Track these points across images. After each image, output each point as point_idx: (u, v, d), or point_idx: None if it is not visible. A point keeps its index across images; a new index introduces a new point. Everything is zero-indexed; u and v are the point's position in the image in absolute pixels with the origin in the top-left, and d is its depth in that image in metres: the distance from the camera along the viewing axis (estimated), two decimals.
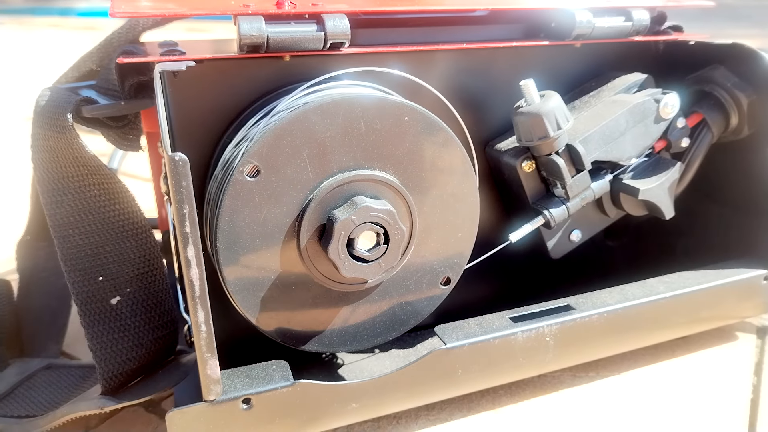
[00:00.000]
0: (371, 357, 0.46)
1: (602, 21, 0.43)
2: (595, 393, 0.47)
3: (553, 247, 0.48)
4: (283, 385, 0.36)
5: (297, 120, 0.34)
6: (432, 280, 0.41)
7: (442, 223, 0.39)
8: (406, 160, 0.37)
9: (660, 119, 0.45)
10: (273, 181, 0.34)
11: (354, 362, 0.45)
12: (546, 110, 0.41)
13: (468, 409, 0.46)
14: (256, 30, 0.35)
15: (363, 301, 0.39)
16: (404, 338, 0.46)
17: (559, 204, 0.44)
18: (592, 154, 0.43)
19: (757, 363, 0.51)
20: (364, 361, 0.45)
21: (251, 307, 0.37)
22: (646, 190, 0.45)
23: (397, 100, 0.36)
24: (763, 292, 0.49)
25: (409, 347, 0.44)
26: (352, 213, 0.35)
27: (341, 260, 0.35)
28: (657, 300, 0.45)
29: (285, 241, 0.36)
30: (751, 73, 0.45)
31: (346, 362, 0.45)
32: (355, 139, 0.35)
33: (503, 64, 0.46)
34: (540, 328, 0.42)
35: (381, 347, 0.47)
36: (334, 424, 0.39)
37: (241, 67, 0.39)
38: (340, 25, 0.36)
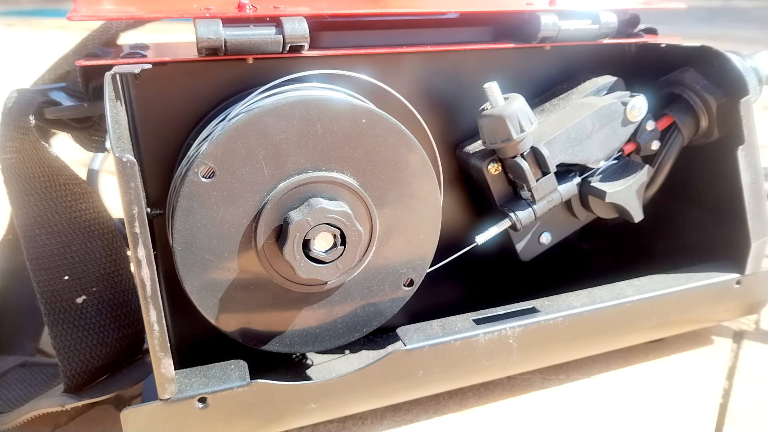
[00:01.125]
0: (341, 358, 0.46)
1: (568, 24, 0.43)
2: (564, 396, 0.47)
3: (523, 249, 0.48)
4: (239, 384, 0.36)
5: (251, 122, 0.34)
6: (395, 281, 0.41)
7: (404, 224, 0.40)
8: (364, 162, 0.37)
9: (627, 122, 0.44)
10: (229, 183, 0.35)
11: (323, 363, 0.45)
12: (509, 113, 0.41)
13: (435, 411, 0.46)
14: (213, 33, 0.35)
15: (324, 302, 0.40)
16: (376, 339, 0.47)
17: (525, 206, 0.44)
18: (557, 157, 0.43)
19: (730, 367, 0.50)
20: (333, 361, 0.45)
21: (210, 308, 0.37)
22: (613, 193, 0.45)
23: (354, 102, 0.36)
24: (736, 296, 0.49)
25: (380, 348, 0.45)
26: (308, 214, 0.35)
27: (297, 261, 0.36)
28: (624, 303, 0.45)
29: (242, 242, 0.36)
30: (720, 75, 0.45)
31: (316, 362, 0.46)
32: (311, 141, 0.36)
33: (472, 66, 0.46)
34: (503, 330, 0.42)
35: (352, 348, 0.47)
36: (294, 424, 0.39)
37: (204, 70, 0.39)
38: (299, 28, 0.37)
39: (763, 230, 0.48)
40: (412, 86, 0.45)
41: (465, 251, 0.45)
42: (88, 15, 0.35)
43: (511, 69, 0.47)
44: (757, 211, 0.47)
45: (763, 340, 0.54)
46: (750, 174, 0.45)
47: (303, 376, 0.39)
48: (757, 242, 0.48)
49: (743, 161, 0.45)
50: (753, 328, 0.56)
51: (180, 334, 0.44)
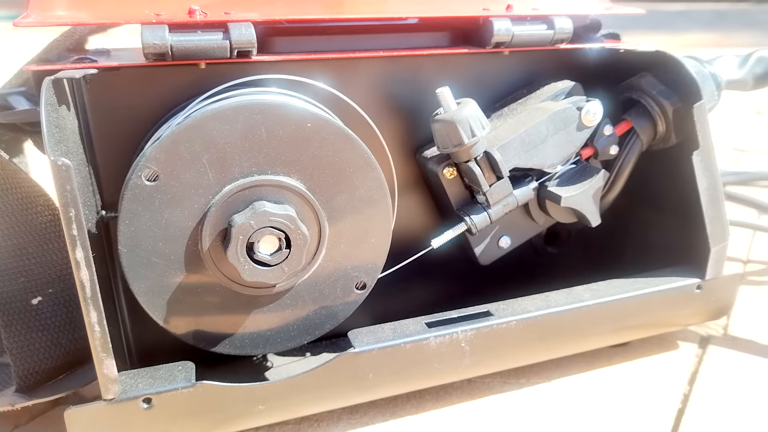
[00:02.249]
0: (301, 360, 0.46)
1: (522, 29, 0.44)
2: (522, 400, 0.47)
3: (482, 253, 0.48)
4: (184, 385, 0.36)
5: (194, 126, 0.35)
6: (347, 284, 0.41)
7: (354, 228, 0.40)
8: (311, 166, 0.38)
9: (583, 127, 0.45)
10: (173, 186, 0.35)
11: (282, 365, 0.46)
12: (460, 118, 0.41)
13: (391, 414, 0.46)
14: (158, 39, 0.36)
15: (274, 305, 0.40)
16: (337, 342, 0.47)
17: (481, 211, 0.45)
18: (511, 161, 0.44)
19: (693, 372, 0.50)
20: (293, 363, 0.45)
21: (157, 309, 0.37)
22: (568, 197, 0.45)
23: (299, 106, 0.37)
24: (697, 301, 0.49)
25: (341, 350, 0.45)
26: (251, 217, 0.35)
27: (241, 264, 0.36)
28: (579, 307, 0.45)
29: (189, 245, 0.37)
30: (675, 81, 0.45)
31: (276, 364, 0.46)
32: (256, 145, 0.36)
33: (431, 71, 0.46)
34: (454, 333, 0.42)
35: (313, 350, 0.48)
36: (243, 425, 0.40)
37: (157, 74, 0.40)
38: (246, 34, 0.37)
39: (722, 235, 0.48)
40: (370, 91, 0.45)
41: (420, 255, 0.45)
42: (36, 22, 0.35)
43: (470, 74, 0.48)
44: (716, 216, 0.47)
45: (729, 345, 0.54)
46: (706, 179, 0.45)
47: (251, 377, 0.40)
48: (717, 247, 0.48)
49: (699, 166, 0.45)
50: (721, 333, 0.56)
51: (139, 337, 0.44)
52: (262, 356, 0.47)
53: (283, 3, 0.42)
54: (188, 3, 0.38)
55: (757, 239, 0.74)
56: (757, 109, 1.45)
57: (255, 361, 0.47)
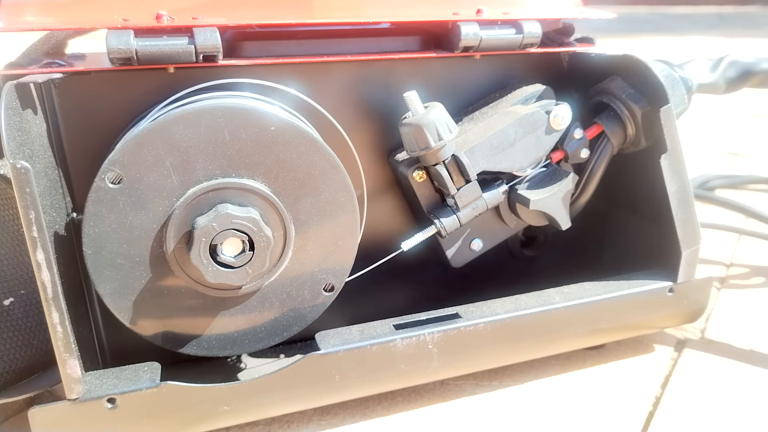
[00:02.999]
0: (275, 361, 0.47)
1: (490, 33, 0.44)
2: (494, 402, 0.47)
3: (453, 256, 0.48)
4: (148, 386, 0.37)
5: (156, 130, 0.35)
6: (314, 286, 0.42)
7: (321, 230, 0.40)
8: (276, 169, 0.38)
9: (552, 130, 0.45)
10: (137, 189, 0.36)
11: (256, 366, 0.46)
12: (426, 121, 0.41)
13: (362, 415, 0.46)
14: (123, 44, 0.36)
15: (241, 306, 0.40)
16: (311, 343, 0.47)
17: (450, 213, 0.45)
18: (479, 165, 0.44)
19: (666, 376, 0.50)
20: (265, 365, 0.46)
21: (124, 311, 0.38)
22: (537, 201, 0.45)
23: (262, 110, 0.37)
24: (670, 305, 0.49)
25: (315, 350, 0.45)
26: (213, 220, 0.36)
27: (204, 266, 0.36)
28: (549, 310, 0.45)
29: (154, 247, 0.37)
30: (643, 84, 0.45)
31: (249, 366, 0.47)
32: (220, 148, 0.37)
33: (403, 75, 0.47)
34: (421, 335, 0.42)
35: (287, 351, 0.48)
36: (209, 426, 0.40)
37: (127, 79, 0.40)
38: (210, 39, 0.38)
39: (694, 238, 0.48)
40: (342, 95, 0.46)
41: (390, 258, 0.45)
42: (5, 27, 0.36)
43: (442, 78, 0.48)
44: (686, 219, 0.47)
45: (705, 349, 0.54)
46: (675, 182, 0.45)
47: (221, 378, 0.40)
48: (689, 250, 0.48)
49: (667, 169, 0.45)
50: (698, 336, 0.56)
51: (112, 338, 0.45)
52: (236, 358, 0.48)
53: (254, 8, 0.42)
54: (157, 8, 0.39)
55: (742, 243, 0.74)
56: (754, 113, 1.44)
57: (229, 363, 0.47)
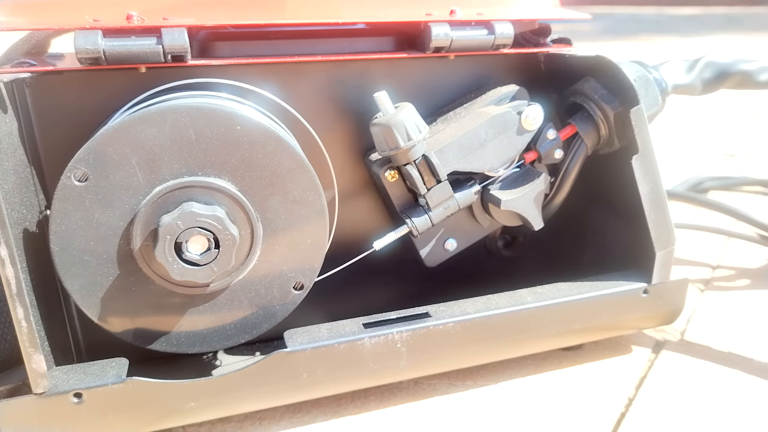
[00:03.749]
0: (249, 358, 0.47)
1: (461, 34, 0.44)
2: (466, 402, 0.47)
3: (427, 255, 0.48)
4: (114, 381, 0.37)
5: (121, 129, 0.36)
6: (283, 285, 0.42)
7: (289, 229, 0.41)
8: (243, 168, 0.38)
9: (523, 131, 0.45)
10: (103, 186, 0.36)
11: (230, 363, 0.47)
12: (395, 121, 0.42)
13: (334, 413, 0.46)
14: (91, 44, 0.37)
15: (210, 304, 0.41)
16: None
17: (422, 213, 0.45)
18: (450, 165, 0.44)
19: (642, 377, 0.50)
20: (241, 362, 0.46)
21: (92, 307, 0.38)
22: (508, 201, 0.45)
23: (227, 109, 0.37)
24: (644, 306, 0.49)
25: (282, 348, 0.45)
26: (178, 217, 0.36)
27: (169, 263, 0.37)
28: (520, 310, 0.45)
29: (121, 244, 0.38)
30: (615, 85, 0.45)
31: (224, 363, 0.47)
32: (185, 147, 0.37)
33: (377, 76, 0.47)
34: (390, 334, 0.42)
35: (262, 349, 0.49)
36: (177, 422, 0.41)
37: (99, 78, 0.41)
38: (178, 39, 0.38)
39: (668, 240, 0.48)
40: (316, 96, 0.46)
41: (362, 257, 0.46)
42: None
43: (417, 78, 0.48)
44: (660, 220, 0.47)
45: (683, 350, 0.54)
46: (648, 183, 0.45)
47: (188, 374, 0.41)
48: (663, 252, 0.48)
49: (639, 171, 0.45)
50: (678, 338, 0.56)
51: (88, 333, 0.45)
52: (213, 354, 0.48)
53: (227, 8, 0.43)
54: (127, 9, 0.39)
55: (731, 245, 0.74)
56: (755, 114, 1.43)
57: (204, 359, 0.48)
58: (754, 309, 0.60)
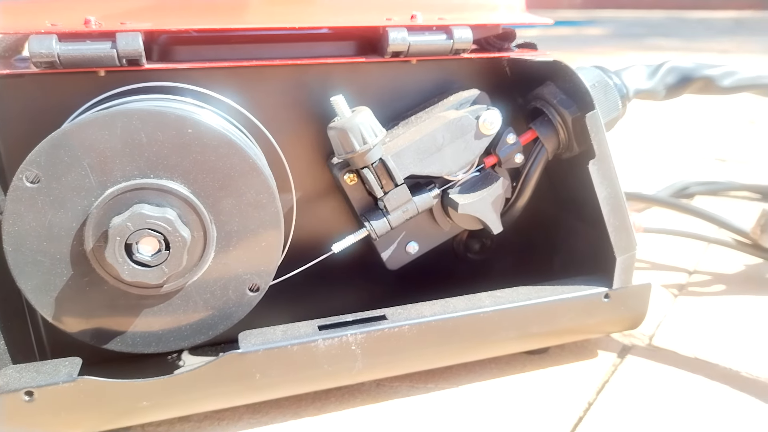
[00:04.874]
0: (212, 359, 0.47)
1: (418, 38, 0.44)
2: (426, 405, 0.48)
3: (389, 258, 0.49)
4: (65, 380, 0.38)
5: (72, 132, 0.36)
6: (239, 286, 0.42)
7: (244, 231, 0.41)
8: (195, 170, 0.39)
9: (481, 135, 0.45)
10: (55, 188, 0.37)
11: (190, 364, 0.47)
12: (350, 125, 0.42)
13: (293, 414, 0.47)
14: (45, 48, 0.38)
15: (165, 305, 0.41)
16: None
17: (381, 216, 0.45)
18: (408, 169, 0.44)
19: (604, 381, 0.50)
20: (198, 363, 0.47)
21: (46, 307, 0.39)
22: (466, 204, 0.46)
23: (178, 113, 0.38)
24: (606, 310, 0.49)
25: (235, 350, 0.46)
26: (128, 219, 0.37)
27: (120, 264, 0.37)
28: (477, 313, 0.45)
29: (74, 245, 0.38)
30: (572, 90, 0.45)
31: (186, 363, 0.48)
32: (137, 150, 0.38)
33: (340, 80, 0.47)
34: (343, 336, 0.43)
35: (226, 349, 0.49)
36: (131, 421, 0.41)
37: (59, 82, 0.42)
38: (132, 43, 0.39)
39: (628, 245, 0.48)
40: (278, 100, 0.47)
41: (321, 260, 0.46)
42: None
43: (380, 83, 0.49)
44: (619, 225, 0.47)
45: (649, 355, 0.54)
46: (605, 188, 0.45)
47: (143, 374, 0.41)
48: (623, 256, 0.48)
49: (596, 175, 0.45)
50: (646, 343, 0.56)
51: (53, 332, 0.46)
52: (176, 355, 0.49)
53: (188, 13, 0.44)
54: (85, 14, 0.40)
55: (710, 251, 0.73)
56: (751, 119, 1.43)
57: (169, 360, 0.48)
58: (725, 315, 0.59)
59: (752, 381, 0.50)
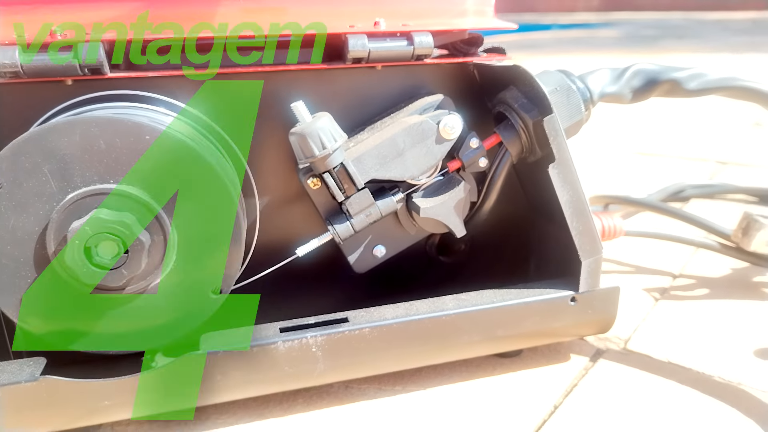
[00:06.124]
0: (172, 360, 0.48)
1: (378, 45, 0.45)
2: (392, 407, 0.48)
3: (356, 261, 0.49)
4: (27, 379, 0.39)
5: (32, 139, 0.38)
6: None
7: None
8: (154, 176, 0.40)
9: (442, 140, 0.46)
10: (17, 194, 0.38)
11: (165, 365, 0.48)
12: (310, 131, 0.43)
13: (259, 415, 0.48)
14: (8, 59, 0.39)
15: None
16: None
17: (344, 220, 0.46)
18: (369, 173, 0.45)
19: (573, 385, 0.50)
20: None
21: (11, 308, 0.40)
22: (427, 208, 0.46)
23: (135, 120, 0.39)
24: (573, 314, 0.49)
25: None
26: (87, 223, 0.38)
27: (79, 267, 0.38)
28: (440, 316, 0.46)
29: (37, 248, 0.39)
30: (532, 95, 0.45)
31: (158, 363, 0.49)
32: (96, 156, 0.39)
33: (307, 86, 0.48)
34: (304, 338, 0.43)
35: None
36: (93, 420, 0.42)
37: (28, 90, 0.43)
38: (92, 53, 0.40)
39: (593, 248, 0.48)
40: (246, 106, 0.48)
41: (285, 263, 0.47)
42: None
43: (347, 89, 0.49)
44: (583, 229, 0.47)
45: (621, 360, 0.53)
46: (567, 192, 0.45)
47: (104, 375, 0.42)
48: (589, 260, 0.48)
49: (557, 179, 0.45)
50: (621, 347, 0.55)
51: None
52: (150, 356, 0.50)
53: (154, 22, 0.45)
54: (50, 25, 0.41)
55: (698, 256, 0.73)
56: (757, 121, 1.41)
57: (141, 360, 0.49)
58: (704, 319, 0.59)
59: (723, 386, 0.49)
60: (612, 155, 1.20)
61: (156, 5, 0.43)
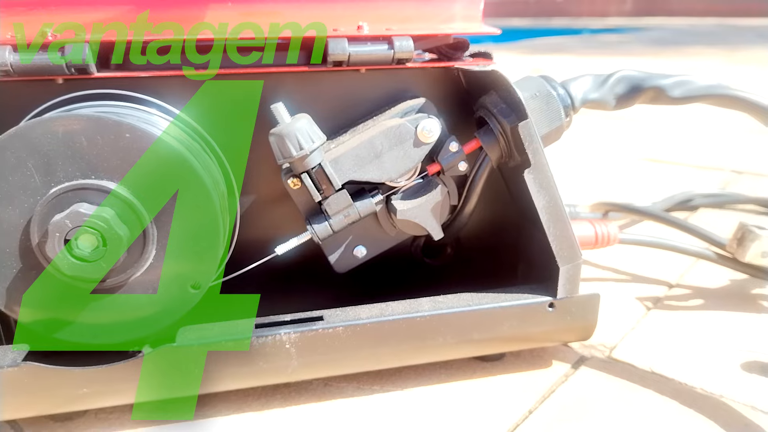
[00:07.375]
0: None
1: (358, 49, 0.46)
2: (369, 406, 0.49)
3: (336, 261, 0.50)
4: (9, 364, 0.41)
5: (17, 134, 0.39)
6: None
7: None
8: (135, 173, 0.41)
9: (420, 143, 0.46)
10: (2, 187, 0.40)
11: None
12: (287, 131, 0.44)
13: (237, 408, 0.49)
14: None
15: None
16: None
17: (323, 220, 0.47)
18: (347, 174, 0.46)
19: (551, 391, 0.50)
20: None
21: None
22: (404, 210, 0.46)
23: (116, 118, 0.40)
24: (551, 320, 0.49)
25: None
26: (66, 216, 0.39)
27: (59, 258, 0.40)
28: (414, 317, 0.46)
29: (22, 240, 0.41)
30: (509, 100, 0.45)
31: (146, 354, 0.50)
32: (78, 153, 0.40)
33: (292, 89, 0.49)
34: (277, 335, 0.44)
35: None
36: (72, 406, 0.44)
37: (22, 88, 0.45)
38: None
39: (572, 254, 0.47)
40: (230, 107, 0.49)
41: (264, 261, 0.48)
42: None
43: (332, 92, 0.50)
44: (560, 234, 0.47)
45: (603, 367, 0.53)
46: (543, 197, 0.46)
47: (86, 363, 0.43)
48: (567, 266, 0.48)
49: (533, 184, 0.45)
50: (606, 354, 0.55)
51: None
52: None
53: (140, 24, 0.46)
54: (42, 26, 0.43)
55: (698, 266, 0.72)
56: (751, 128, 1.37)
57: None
58: (695, 330, 0.58)
59: (704, 398, 0.49)
60: (625, 162, 1.19)
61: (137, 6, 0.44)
